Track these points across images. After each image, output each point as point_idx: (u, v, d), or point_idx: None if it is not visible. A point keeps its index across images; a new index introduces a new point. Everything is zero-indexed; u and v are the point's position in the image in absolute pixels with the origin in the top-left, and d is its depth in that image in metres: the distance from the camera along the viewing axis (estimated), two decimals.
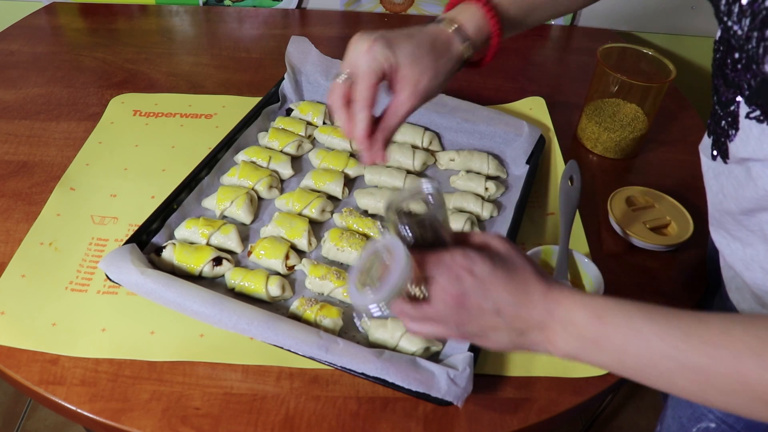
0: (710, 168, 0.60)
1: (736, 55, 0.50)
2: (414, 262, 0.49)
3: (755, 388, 0.42)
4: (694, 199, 0.91)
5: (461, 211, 0.88)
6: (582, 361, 0.50)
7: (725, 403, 0.45)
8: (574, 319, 0.49)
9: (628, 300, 0.49)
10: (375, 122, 0.60)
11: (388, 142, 0.60)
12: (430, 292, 0.51)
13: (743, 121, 0.51)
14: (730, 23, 0.48)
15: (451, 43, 0.61)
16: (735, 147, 0.53)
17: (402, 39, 0.58)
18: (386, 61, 0.57)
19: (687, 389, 0.46)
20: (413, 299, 0.51)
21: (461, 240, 0.55)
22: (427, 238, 0.52)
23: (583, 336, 0.48)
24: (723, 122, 0.54)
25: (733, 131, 0.53)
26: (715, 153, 0.57)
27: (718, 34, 0.52)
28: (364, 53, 0.57)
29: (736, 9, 0.47)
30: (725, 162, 0.56)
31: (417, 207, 0.53)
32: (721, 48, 0.52)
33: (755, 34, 0.46)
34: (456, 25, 0.61)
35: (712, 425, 0.69)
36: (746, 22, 0.46)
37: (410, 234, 0.52)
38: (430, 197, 0.53)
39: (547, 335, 0.50)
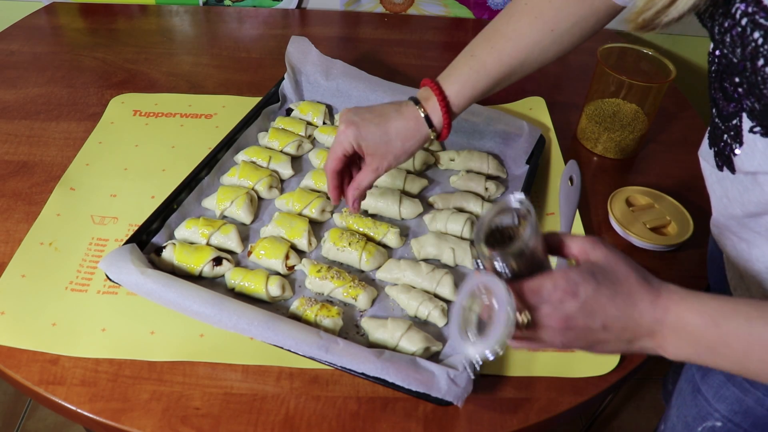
0: (712, 173, 0.60)
1: (737, 79, 0.50)
2: (515, 297, 0.48)
3: None
4: (694, 199, 0.91)
5: (461, 211, 0.88)
6: (695, 363, 0.49)
7: None
8: (687, 325, 0.48)
9: (742, 300, 0.48)
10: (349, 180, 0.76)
11: (356, 200, 0.75)
12: (535, 319, 0.50)
13: (747, 135, 0.51)
14: (725, 51, 0.49)
15: (420, 128, 0.72)
16: (740, 161, 0.53)
17: (372, 126, 0.70)
18: (351, 146, 0.71)
19: None
20: (518, 326, 0.50)
21: (556, 248, 0.54)
22: (525, 263, 0.50)
23: (698, 342, 0.48)
24: (725, 136, 0.54)
25: (737, 145, 0.52)
26: (720, 164, 0.57)
27: (712, 46, 0.52)
28: (339, 133, 0.71)
29: (728, 39, 0.47)
30: (733, 173, 0.56)
31: (506, 222, 0.51)
32: (718, 62, 0.52)
33: (748, 64, 0.46)
34: (426, 113, 0.71)
35: (718, 424, 0.69)
36: (738, 51, 0.47)
37: (507, 269, 0.50)
38: (518, 213, 0.51)
39: (658, 342, 0.50)
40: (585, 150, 1.05)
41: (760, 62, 0.45)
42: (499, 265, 0.50)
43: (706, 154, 0.60)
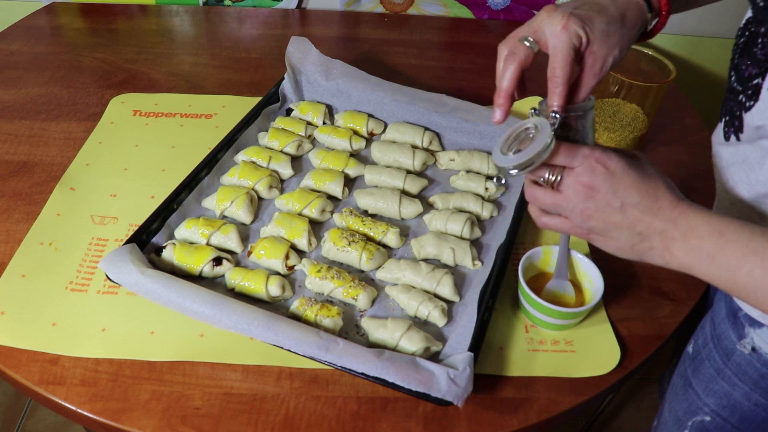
0: (722, 158, 0.61)
1: (762, 29, 0.52)
2: (556, 145, 0.53)
3: None
4: (695, 199, 0.91)
5: (461, 211, 0.88)
6: (694, 274, 0.51)
7: None
8: (696, 230, 0.50)
9: (754, 224, 0.50)
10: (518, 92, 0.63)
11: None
12: (563, 180, 0.53)
13: (764, 93, 0.52)
14: (761, 3, 0.51)
15: (640, 14, 0.61)
16: (751, 116, 0.55)
17: (595, 15, 0.59)
18: (581, 40, 0.58)
19: None
20: (547, 184, 0.55)
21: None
22: (573, 132, 0.56)
23: (701, 248, 0.50)
24: (741, 96, 0.56)
25: (752, 102, 0.54)
26: (728, 131, 0.58)
27: (746, 19, 0.55)
28: (560, 30, 0.57)
29: None
30: (738, 138, 0.57)
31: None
32: (749, 31, 0.54)
33: None
34: None
35: (707, 418, 0.70)
36: None
37: (560, 119, 0.55)
38: (587, 103, 0.58)
39: (667, 243, 0.51)
40: None
41: None
42: (553, 116, 0.56)
43: (716, 136, 0.62)
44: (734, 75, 0.57)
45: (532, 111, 0.57)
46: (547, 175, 0.55)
